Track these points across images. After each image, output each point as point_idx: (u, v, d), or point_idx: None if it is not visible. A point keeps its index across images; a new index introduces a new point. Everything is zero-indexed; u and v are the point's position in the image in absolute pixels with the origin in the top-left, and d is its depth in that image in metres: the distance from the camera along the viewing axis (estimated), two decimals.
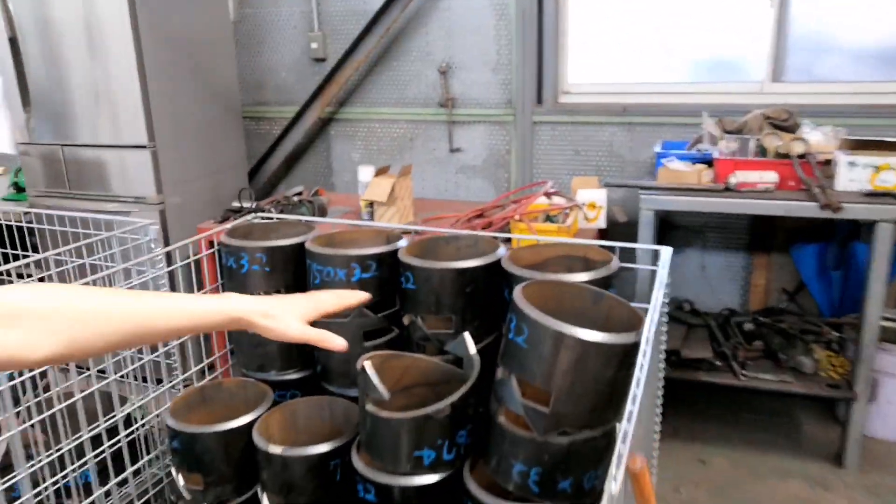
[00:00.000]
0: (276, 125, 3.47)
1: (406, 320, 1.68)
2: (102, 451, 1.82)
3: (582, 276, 1.47)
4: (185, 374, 2.05)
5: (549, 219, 2.32)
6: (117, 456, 1.90)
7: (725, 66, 2.92)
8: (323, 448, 1.55)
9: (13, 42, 2.63)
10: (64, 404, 1.77)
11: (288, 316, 0.94)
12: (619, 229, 3.02)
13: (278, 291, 1.79)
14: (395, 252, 1.68)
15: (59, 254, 2.04)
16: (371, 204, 2.62)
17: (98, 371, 1.91)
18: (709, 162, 2.39)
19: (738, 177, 2.24)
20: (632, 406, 1.00)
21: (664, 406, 1.73)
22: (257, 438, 1.58)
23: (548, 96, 3.02)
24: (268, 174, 3.47)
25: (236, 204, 2.84)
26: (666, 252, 1.63)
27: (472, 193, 3.25)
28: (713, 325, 2.67)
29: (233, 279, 1.80)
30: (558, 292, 1.44)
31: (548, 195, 2.56)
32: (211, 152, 2.96)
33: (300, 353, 1.86)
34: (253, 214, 2.07)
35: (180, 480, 1.70)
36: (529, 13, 2.92)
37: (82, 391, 1.76)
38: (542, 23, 2.93)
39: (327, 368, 1.80)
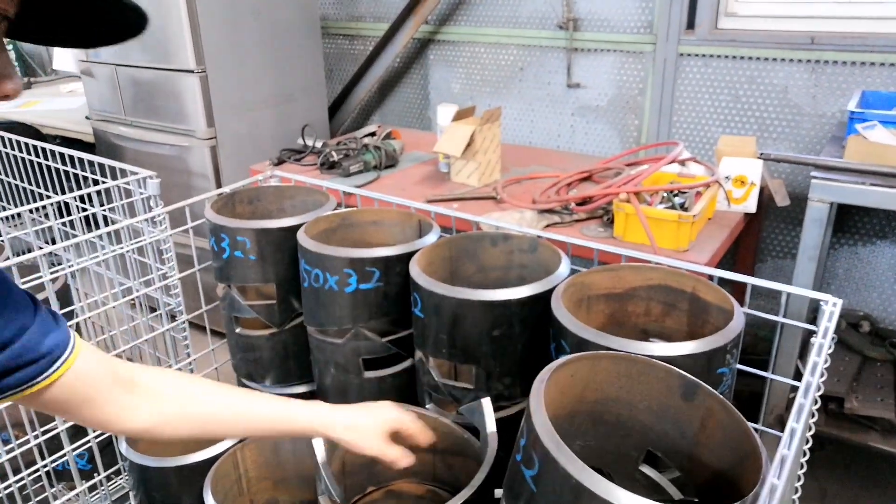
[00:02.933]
0: (370, 44, 2.97)
1: (416, 355, 1.19)
2: (88, 440, 1.55)
3: (668, 349, 0.89)
4: (197, 355, 1.72)
5: (671, 199, 1.67)
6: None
7: None
8: None
9: None
10: None
11: (370, 431, 0.94)
12: (778, 215, 2.25)
13: (270, 284, 1.36)
14: (411, 254, 1.18)
15: (75, 198, 1.75)
16: (448, 155, 2.09)
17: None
18: None
19: None
20: None
21: (809, 460, 1.12)
22: (207, 494, 1.19)
23: (703, 19, 2.25)
24: (357, 102, 3.01)
25: (300, 142, 2.42)
26: (833, 306, 0.98)
27: (592, 143, 2.59)
28: None
29: (217, 262, 1.38)
30: (624, 371, 0.87)
31: (680, 162, 1.88)
32: (280, 77, 2.52)
33: (299, 365, 1.43)
34: (270, 172, 1.62)
35: None
36: None
37: None
38: None
39: (323, 390, 1.37)
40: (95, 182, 1.78)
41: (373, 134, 2.35)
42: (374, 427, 0.95)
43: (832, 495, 1.95)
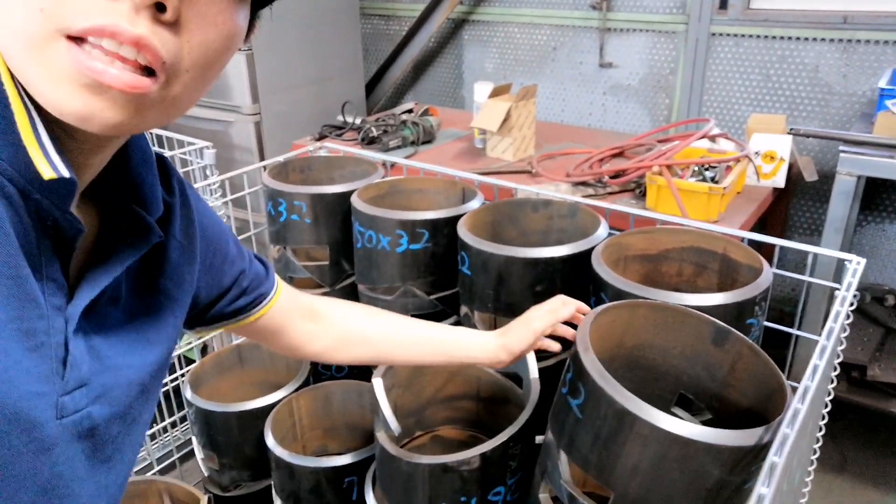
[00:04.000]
0: (405, 24, 3.05)
1: (462, 310, 1.28)
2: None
3: (701, 299, 0.96)
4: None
5: (702, 173, 1.73)
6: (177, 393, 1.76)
7: None
8: (338, 461, 1.24)
9: None
10: None
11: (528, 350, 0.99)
12: (806, 192, 2.31)
13: (324, 246, 1.46)
14: (458, 218, 1.26)
15: None
16: (484, 131, 2.17)
17: None
18: None
19: None
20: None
21: (830, 426, 1.19)
22: (268, 435, 1.30)
23: (736, 0, 2.29)
24: (392, 81, 3.09)
25: (340, 118, 2.51)
26: (856, 265, 1.05)
27: (623, 121, 2.65)
28: None
29: (272, 227, 1.48)
30: (660, 319, 0.95)
31: (710, 138, 1.94)
32: (320, 55, 2.61)
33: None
34: (319, 144, 1.72)
35: (199, 453, 1.49)
36: None
37: None
38: None
39: None
40: None
41: (410, 111, 2.43)
42: (530, 343, 0.98)
43: (853, 461, 2.02)
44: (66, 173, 0.45)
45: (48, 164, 0.44)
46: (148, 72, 0.44)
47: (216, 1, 0.45)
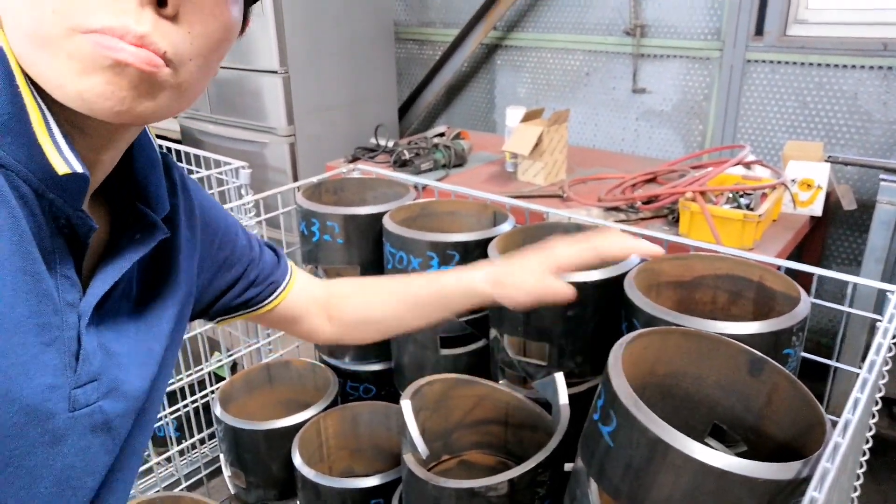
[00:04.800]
0: (439, 49, 3.09)
1: (491, 333, 1.27)
2: (178, 409, 1.69)
3: (736, 327, 0.95)
4: (279, 333, 1.85)
5: (736, 199, 1.71)
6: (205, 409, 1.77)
7: None
8: (365, 483, 1.23)
9: None
10: None
11: (520, 281, 0.88)
12: (843, 222, 2.26)
13: (355, 266, 1.47)
14: (489, 240, 1.26)
15: None
16: (515, 155, 2.17)
17: None
18: None
19: None
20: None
21: (871, 464, 1.14)
22: (295, 455, 1.30)
23: (772, 26, 2.27)
24: (425, 105, 3.13)
25: (373, 141, 2.54)
26: None
27: (655, 147, 2.63)
28: None
29: (305, 246, 1.50)
30: (693, 346, 0.94)
31: (745, 164, 1.92)
32: (355, 79, 2.66)
33: (377, 343, 1.53)
34: (353, 166, 1.74)
35: (227, 471, 1.50)
36: None
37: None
38: None
39: (400, 367, 1.46)
40: (190, 172, 1.93)
41: (442, 134, 2.45)
42: (523, 278, 0.89)
43: (894, 502, 1.94)
44: (79, 168, 0.48)
45: (62, 160, 0.47)
46: None
47: None
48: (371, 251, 1.44)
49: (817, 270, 1.11)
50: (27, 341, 0.47)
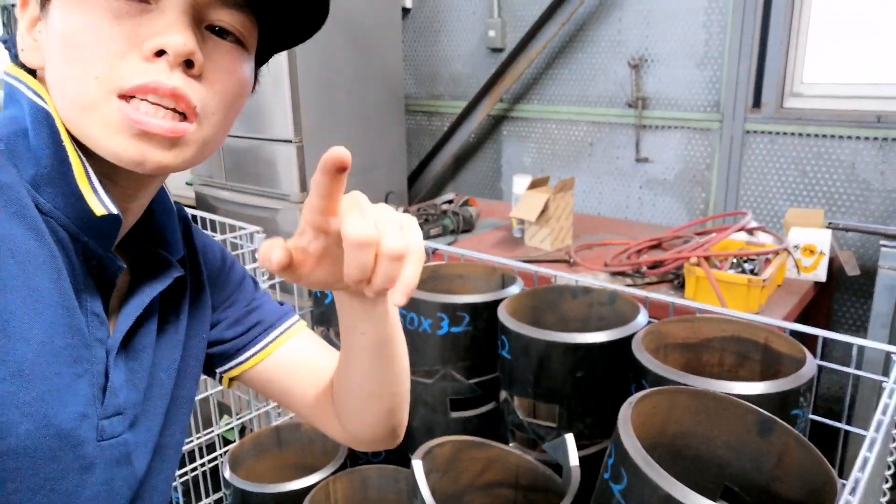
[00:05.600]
0: (447, 120, 3.20)
1: (501, 395, 1.28)
2: (187, 471, 1.68)
3: (743, 388, 0.96)
4: None
5: (740, 265, 1.74)
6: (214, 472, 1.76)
7: None
8: None
9: None
10: None
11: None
12: (849, 288, 2.28)
13: None
14: (498, 302, 1.29)
15: None
16: (522, 221, 2.23)
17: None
18: None
19: None
20: None
21: None
22: None
23: (769, 99, 2.36)
24: (433, 174, 3.21)
25: None
26: None
27: (659, 214, 2.69)
28: None
29: (317, 308, 1.53)
30: (701, 406, 0.95)
31: (748, 230, 1.96)
32: (366, 148, 2.75)
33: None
34: None
35: None
36: None
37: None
38: (769, 5, 2.28)
39: (410, 430, 1.46)
40: None
41: (450, 201, 2.51)
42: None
43: None
44: (114, 210, 0.54)
45: (100, 203, 0.54)
46: (182, 117, 0.54)
47: (229, 56, 0.57)
48: None
49: (822, 332, 1.13)
50: (62, 371, 0.51)
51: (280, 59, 2.37)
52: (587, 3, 2.61)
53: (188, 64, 0.52)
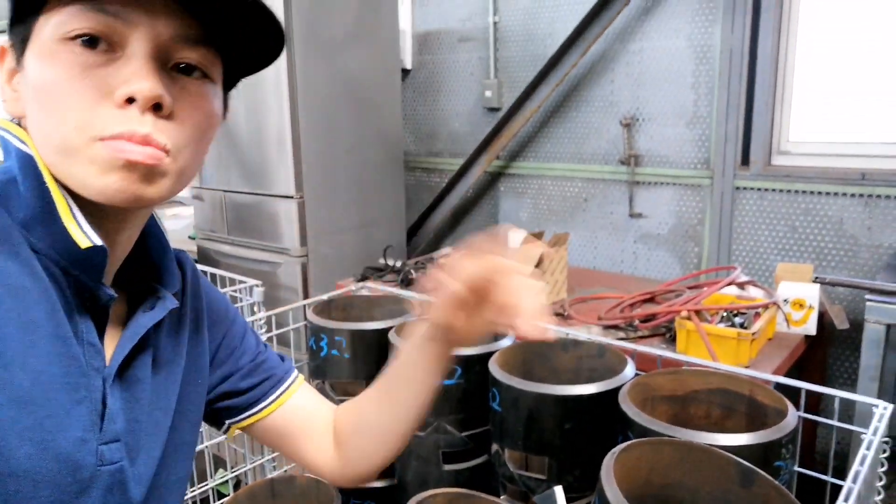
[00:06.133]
0: (445, 177, 3.28)
1: (492, 448, 1.30)
2: None
3: (725, 439, 0.98)
4: None
5: (731, 318, 1.77)
6: None
7: None
8: None
9: None
10: None
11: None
12: (842, 342, 2.31)
13: (361, 381, 1.51)
14: (489, 355, 1.32)
15: None
16: None
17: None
18: None
19: None
20: None
21: None
22: None
23: (757, 157, 2.43)
24: (432, 228, 3.27)
25: (382, 261, 2.65)
26: (883, 410, 1.06)
27: (653, 268, 2.73)
28: None
29: (313, 361, 1.55)
30: (686, 457, 0.97)
31: (739, 285, 1.99)
32: (366, 203, 2.82)
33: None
34: (362, 284, 1.82)
35: None
36: (738, 55, 2.38)
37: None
38: (754, 67, 2.38)
39: (403, 483, 1.47)
40: None
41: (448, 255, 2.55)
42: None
43: None
44: (98, 241, 0.57)
45: (84, 236, 0.57)
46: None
47: (197, 92, 0.60)
48: (377, 366, 1.49)
49: (805, 385, 1.16)
50: (60, 398, 0.54)
51: (283, 118, 2.46)
52: (580, 66, 2.71)
53: (157, 107, 0.56)
